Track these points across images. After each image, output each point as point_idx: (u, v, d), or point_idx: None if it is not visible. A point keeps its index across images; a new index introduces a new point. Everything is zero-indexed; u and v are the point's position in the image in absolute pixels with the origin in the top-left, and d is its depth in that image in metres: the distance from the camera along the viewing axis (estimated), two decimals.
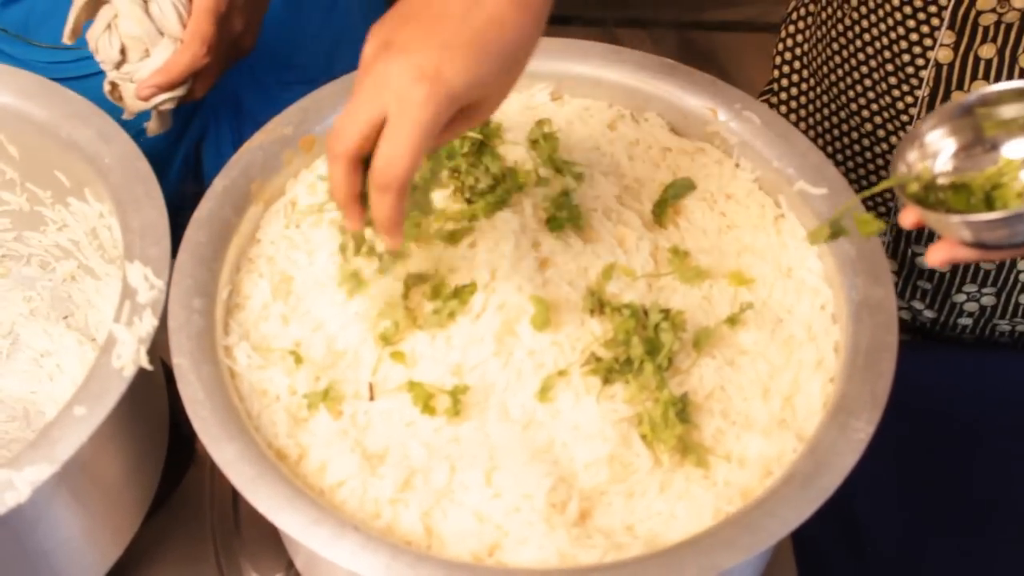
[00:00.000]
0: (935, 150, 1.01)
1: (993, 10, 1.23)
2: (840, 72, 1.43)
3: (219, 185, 1.16)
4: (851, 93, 1.42)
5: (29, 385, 1.34)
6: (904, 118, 1.37)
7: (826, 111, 1.49)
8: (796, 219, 1.18)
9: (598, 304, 1.09)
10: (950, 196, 0.99)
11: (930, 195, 1.00)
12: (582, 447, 1.02)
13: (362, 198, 0.94)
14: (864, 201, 1.23)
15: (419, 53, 0.88)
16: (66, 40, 1.25)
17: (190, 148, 1.63)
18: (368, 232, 1.02)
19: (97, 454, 1.06)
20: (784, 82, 1.55)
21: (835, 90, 1.45)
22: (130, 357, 1.03)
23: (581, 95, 1.29)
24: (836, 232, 1.03)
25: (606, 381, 1.05)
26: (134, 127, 1.24)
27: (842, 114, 1.45)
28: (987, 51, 1.27)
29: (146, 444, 1.16)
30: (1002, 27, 1.25)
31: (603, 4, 3.16)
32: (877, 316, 1.06)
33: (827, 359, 1.08)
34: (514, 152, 1.21)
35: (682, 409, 1.03)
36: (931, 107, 1.34)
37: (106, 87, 1.26)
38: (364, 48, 0.92)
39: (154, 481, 1.18)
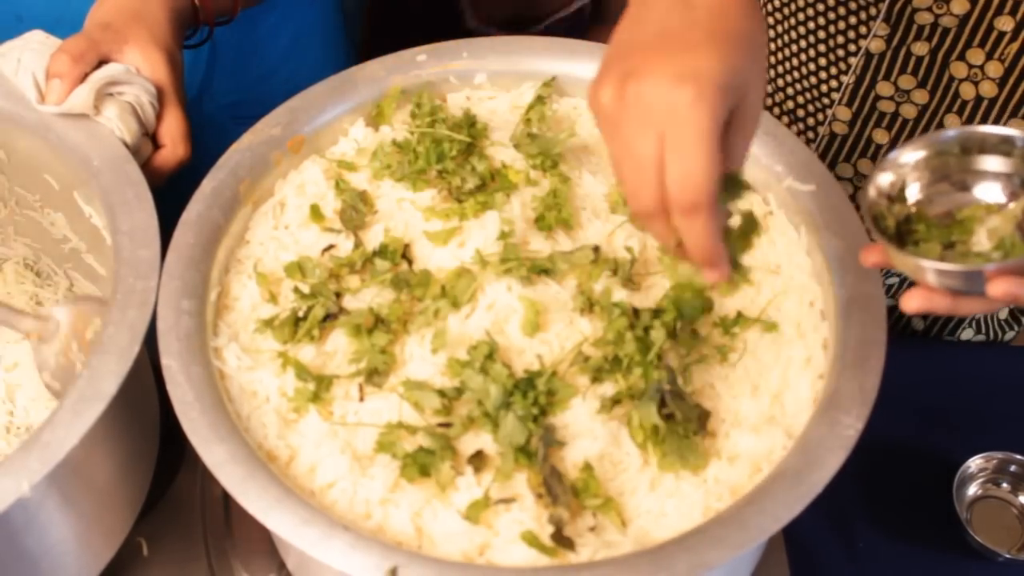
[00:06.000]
0: (906, 181, 0.99)
1: (929, 9, 1.23)
2: (772, 47, 1.42)
3: (207, 186, 1.16)
4: (780, 69, 1.42)
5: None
6: (826, 101, 1.37)
7: None
8: (785, 216, 1.18)
9: (587, 303, 1.10)
10: (922, 231, 0.97)
11: (901, 228, 0.98)
12: (572, 446, 1.03)
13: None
14: None
15: (666, 64, 0.82)
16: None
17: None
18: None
19: (88, 456, 1.06)
20: None
21: (771, 73, 1.44)
22: (120, 358, 1.03)
23: (570, 94, 1.29)
24: None
25: (595, 380, 1.06)
26: None
27: (768, 88, 1.44)
28: (920, 48, 1.27)
29: (137, 446, 1.16)
30: (939, 29, 1.25)
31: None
32: (866, 312, 1.06)
33: (816, 356, 1.08)
34: (503, 153, 1.22)
35: (671, 409, 1.03)
36: (854, 96, 1.34)
37: None
38: (598, 99, 0.85)
39: (145, 483, 1.18)
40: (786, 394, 1.07)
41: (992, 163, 0.97)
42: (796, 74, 1.38)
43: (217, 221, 1.14)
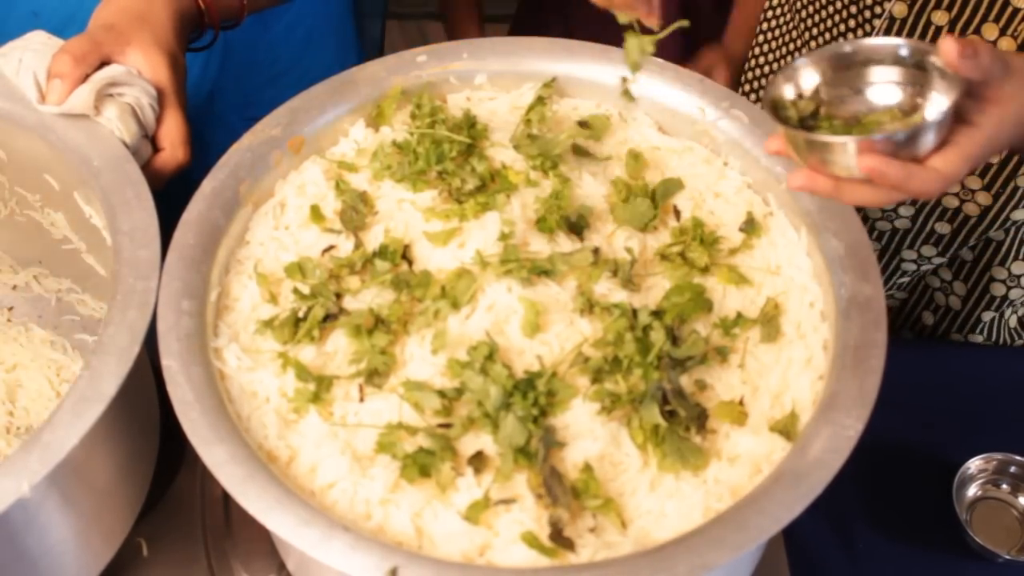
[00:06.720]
0: (806, 86, 1.03)
1: None
2: (811, 8, 1.47)
3: (207, 187, 1.16)
4: (814, 31, 1.47)
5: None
6: None
7: (791, 46, 1.54)
8: (785, 217, 1.18)
9: (587, 304, 1.10)
10: (824, 128, 1.01)
11: (804, 124, 1.02)
12: (572, 446, 1.03)
13: None
14: None
15: None
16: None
17: None
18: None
19: (88, 456, 1.06)
20: (769, 14, 1.60)
21: (803, 26, 1.50)
22: (120, 358, 1.03)
23: (570, 95, 1.29)
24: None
25: (595, 381, 1.05)
26: None
27: (804, 50, 1.51)
28: (939, 17, 1.29)
29: (137, 446, 1.16)
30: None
31: None
32: (866, 313, 1.06)
33: (816, 357, 1.08)
34: (503, 154, 1.22)
35: (672, 409, 1.03)
36: None
37: None
38: None
39: (145, 483, 1.19)
40: (786, 395, 1.07)
41: (891, 73, 1.01)
42: (828, 35, 1.42)
43: (217, 221, 1.14)
